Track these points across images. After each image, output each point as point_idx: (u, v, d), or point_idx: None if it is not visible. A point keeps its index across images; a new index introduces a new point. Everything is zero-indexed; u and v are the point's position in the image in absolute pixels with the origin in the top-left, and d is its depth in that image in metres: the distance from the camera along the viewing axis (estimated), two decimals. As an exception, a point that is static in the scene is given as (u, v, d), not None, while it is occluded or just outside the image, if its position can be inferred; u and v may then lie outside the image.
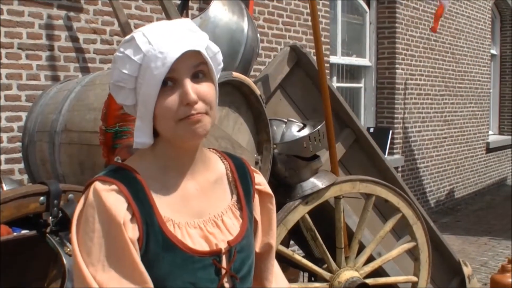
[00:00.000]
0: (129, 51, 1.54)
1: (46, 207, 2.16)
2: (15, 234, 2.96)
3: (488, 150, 13.37)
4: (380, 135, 8.60)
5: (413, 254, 4.40)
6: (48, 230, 2.17)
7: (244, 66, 3.88)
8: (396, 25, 9.75)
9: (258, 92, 3.60)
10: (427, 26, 10.57)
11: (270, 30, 7.03)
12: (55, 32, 4.81)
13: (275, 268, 1.88)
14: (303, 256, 4.16)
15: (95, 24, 5.10)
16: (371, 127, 9.43)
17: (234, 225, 1.69)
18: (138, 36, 1.54)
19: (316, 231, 3.83)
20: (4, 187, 3.30)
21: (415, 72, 10.28)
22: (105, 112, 2.77)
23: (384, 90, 9.91)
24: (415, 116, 10.31)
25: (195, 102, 1.52)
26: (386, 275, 4.47)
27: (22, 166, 4.34)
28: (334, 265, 3.92)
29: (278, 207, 3.63)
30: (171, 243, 1.54)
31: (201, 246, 1.59)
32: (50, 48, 4.77)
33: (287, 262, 3.95)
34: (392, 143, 9.59)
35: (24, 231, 2.85)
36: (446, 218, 10.56)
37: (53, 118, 3.52)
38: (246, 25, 3.88)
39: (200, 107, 1.53)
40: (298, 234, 4.16)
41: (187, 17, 5.11)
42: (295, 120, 3.96)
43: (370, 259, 4.18)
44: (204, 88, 1.55)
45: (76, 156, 3.34)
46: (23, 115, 4.46)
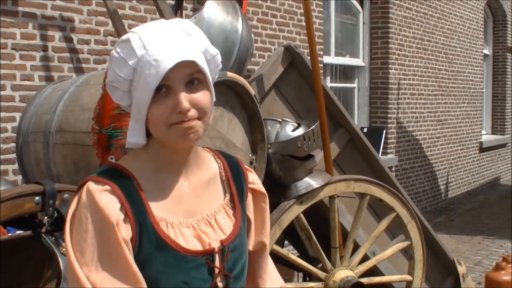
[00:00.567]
0: (124, 54, 1.53)
1: (42, 207, 2.16)
2: (10, 234, 2.96)
3: (481, 150, 13.40)
4: (373, 135, 8.61)
5: (407, 253, 4.40)
6: (44, 230, 2.17)
7: (239, 66, 3.88)
8: (389, 25, 9.76)
9: (252, 92, 3.61)
10: (420, 26, 10.59)
11: (264, 30, 7.04)
12: (49, 32, 4.80)
13: (269, 266, 1.88)
14: (298, 256, 4.16)
15: (89, 24, 5.09)
16: (364, 127, 9.44)
17: (227, 224, 1.69)
18: (134, 38, 1.53)
19: (311, 231, 3.83)
20: (-1, 188, 3.29)
21: (408, 72, 10.30)
22: (99, 112, 2.76)
23: (377, 90, 9.92)
24: (408, 116, 10.33)
25: (187, 110, 1.52)
26: (381, 274, 4.47)
27: (16, 166, 4.34)
28: (329, 264, 3.93)
29: (273, 207, 3.63)
30: (164, 243, 1.55)
31: (194, 245, 1.60)
32: (44, 48, 4.77)
33: (282, 262, 3.95)
34: (385, 143, 9.60)
35: (19, 231, 2.85)
36: (439, 217, 10.59)
37: (47, 118, 3.51)
38: (240, 25, 3.88)
39: (192, 114, 1.53)
40: (292, 234, 4.16)
41: (181, 17, 5.10)
42: (289, 120, 3.97)
43: (365, 258, 4.18)
44: (198, 95, 1.55)
45: (70, 157, 3.33)
46: (17, 115, 4.45)
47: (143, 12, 5.52)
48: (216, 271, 1.62)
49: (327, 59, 8.82)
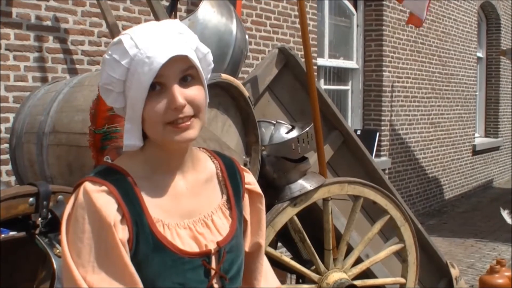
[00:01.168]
0: (117, 55, 1.53)
1: (36, 209, 2.15)
2: (3, 235, 2.95)
3: (474, 153, 13.43)
4: (367, 137, 8.62)
5: (401, 255, 4.40)
6: (37, 231, 2.16)
7: (233, 68, 3.88)
8: (383, 27, 9.78)
9: (246, 94, 3.61)
10: (414, 29, 10.61)
11: (258, 32, 7.04)
12: (43, 33, 4.79)
13: (265, 267, 1.88)
14: (291, 258, 4.16)
15: (83, 25, 5.08)
16: (358, 130, 9.45)
17: (223, 225, 1.69)
18: (125, 39, 1.53)
19: (304, 233, 3.83)
20: (-8, 189, 3.27)
21: (402, 74, 10.32)
22: (93, 113, 2.77)
23: (371, 93, 9.93)
24: (402, 118, 10.35)
25: (183, 106, 1.52)
26: (374, 276, 4.48)
27: (9, 167, 4.32)
28: (322, 266, 3.93)
29: (267, 209, 3.61)
30: (161, 244, 1.55)
31: (190, 247, 1.60)
32: (38, 49, 4.75)
33: (275, 264, 3.95)
34: (379, 145, 9.62)
35: (12, 233, 2.84)
36: (432, 220, 10.60)
37: (41, 119, 3.50)
38: (234, 27, 3.88)
39: (188, 110, 1.54)
40: (285, 236, 4.16)
41: (175, 18, 5.10)
42: (283, 122, 3.97)
43: (358, 260, 4.18)
44: (192, 91, 1.55)
45: (64, 158, 3.32)
46: (11, 116, 4.44)
47: (137, 13, 5.51)
48: (212, 272, 1.62)
49: (321, 61, 8.83)
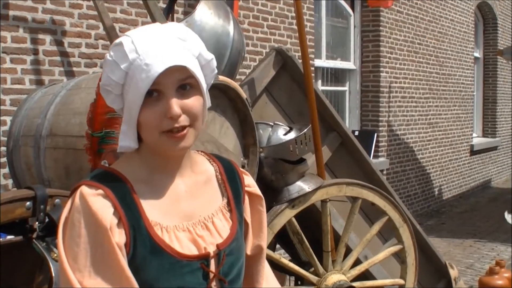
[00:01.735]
0: (117, 58, 1.53)
1: (33, 212, 2.14)
2: (0, 239, 2.94)
3: (472, 153, 13.44)
4: (365, 138, 8.62)
5: (399, 257, 4.40)
6: (35, 235, 2.15)
7: (230, 69, 3.87)
8: (380, 28, 9.78)
9: (244, 95, 3.60)
10: (411, 30, 10.62)
11: (255, 34, 7.04)
12: (40, 36, 4.78)
13: (265, 269, 1.87)
14: (290, 260, 4.15)
15: (80, 28, 5.07)
16: (356, 130, 9.46)
17: (224, 227, 1.68)
18: (126, 42, 1.52)
19: (303, 235, 3.83)
20: (-11, 193, 3.26)
21: (400, 75, 10.32)
22: (91, 117, 2.76)
23: (368, 93, 9.93)
24: (399, 119, 10.35)
25: (178, 116, 1.51)
26: (373, 278, 4.47)
27: (6, 171, 4.31)
28: (321, 268, 3.92)
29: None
30: (159, 248, 1.54)
31: (189, 250, 1.59)
32: (35, 52, 4.74)
33: (274, 266, 3.94)
34: (377, 146, 9.62)
35: (9, 237, 2.83)
36: (431, 220, 10.60)
37: (38, 122, 3.50)
38: (232, 28, 3.87)
39: (183, 119, 1.53)
40: (284, 238, 4.15)
41: (172, 20, 5.09)
42: (281, 124, 3.96)
43: (357, 262, 4.18)
44: (190, 101, 1.54)
45: (61, 161, 3.32)
46: (8, 119, 4.43)
47: (134, 16, 5.51)
48: (211, 275, 1.61)
49: (318, 63, 8.83)
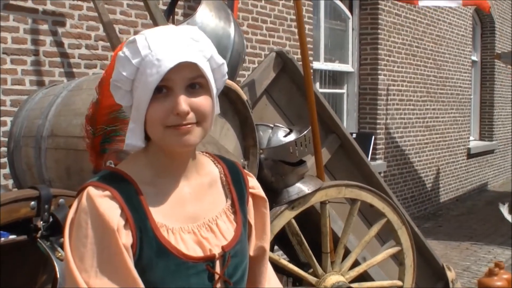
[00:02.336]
0: (129, 53, 1.53)
1: (37, 212, 2.16)
2: (3, 239, 2.95)
3: (469, 156, 13.46)
4: (362, 141, 8.62)
5: (397, 258, 4.42)
6: (39, 235, 2.16)
7: (231, 71, 3.88)
8: (379, 31, 9.80)
9: (245, 97, 3.61)
10: (409, 33, 10.65)
11: (254, 36, 7.05)
12: (40, 37, 4.79)
13: (268, 271, 1.88)
14: (288, 261, 4.17)
15: (80, 29, 5.08)
16: (353, 133, 9.45)
17: (228, 229, 1.69)
18: (140, 39, 1.53)
19: (302, 236, 3.84)
20: (-9, 193, 3.27)
21: (397, 78, 10.34)
22: (91, 115, 2.76)
23: (366, 96, 9.95)
24: (397, 121, 10.37)
25: (186, 113, 1.52)
26: (371, 279, 4.49)
27: (6, 171, 4.32)
28: (320, 269, 3.94)
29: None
30: (165, 249, 1.54)
31: (194, 251, 1.59)
32: (35, 53, 4.75)
33: (272, 266, 3.94)
34: (374, 149, 9.63)
35: (12, 236, 2.84)
36: (428, 223, 10.62)
37: (39, 123, 3.51)
38: (232, 30, 3.89)
39: (191, 117, 1.53)
40: (282, 239, 4.17)
41: (173, 22, 5.11)
42: (281, 126, 3.98)
43: (356, 263, 4.20)
44: (198, 99, 1.55)
45: (62, 161, 3.33)
46: (8, 120, 4.44)
47: (134, 17, 5.52)
48: (216, 277, 1.62)
49: (316, 65, 8.85)
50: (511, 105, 15.90)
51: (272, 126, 3.95)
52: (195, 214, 1.64)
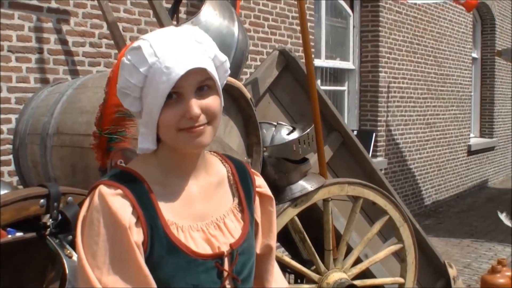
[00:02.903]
0: (135, 61, 1.55)
1: (46, 210, 2.18)
2: (10, 236, 2.97)
3: (470, 153, 13.48)
4: (363, 138, 8.62)
5: (399, 256, 4.44)
6: (48, 232, 2.19)
7: (235, 69, 3.90)
8: (380, 28, 9.82)
9: (248, 95, 3.63)
10: (410, 30, 10.66)
11: (256, 34, 7.08)
12: (45, 35, 4.82)
13: (274, 268, 1.91)
14: (291, 258, 4.19)
15: (84, 27, 5.11)
16: (354, 130, 9.46)
17: (235, 227, 1.72)
18: (145, 46, 1.55)
19: (305, 233, 3.86)
20: (-1, 190, 3.30)
21: (398, 75, 10.36)
22: (99, 116, 2.79)
23: (367, 93, 9.98)
24: (398, 119, 10.39)
25: (198, 116, 1.55)
26: (373, 276, 4.51)
27: (11, 168, 4.36)
28: (322, 266, 3.96)
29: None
30: (175, 247, 1.57)
31: (204, 249, 1.63)
32: (40, 50, 4.78)
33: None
34: (375, 146, 9.65)
35: (19, 233, 2.86)
36: (428, 220, 10.64)
37: (44, 120, 3.53)
38: (236, 29, 3.90)
39: (202, 118, 1.57)
40: (285, 236, 4.19)
41: (177, 20, 5.13)
42: (284, 123, 3.99)
43: (358, 261, 4.22)
44: (208, 100, 1.58)
45: (68, 159, 3.35)
46: (13, 117, 4.48)
47: (137, 15, 5.54)
48: (225, 274, 1.65)
49: (317, 62, 8.88)
50: (512, 102, 15.95)
51: (275, 124, 3.96)
52: (204, 213, 1.67)
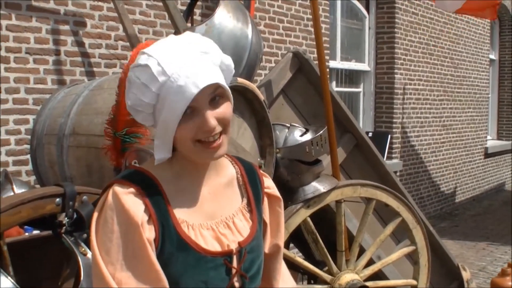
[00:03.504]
0: (145, 80, 1.58)
1: (62, 208, 2.23)
2: (27, 234, 3.03)
3: (487, 155, 13.40)
4: (378, 140, 8.62)
5: (412, 258, 4.45)
6: (63, 230, 2.24)
7: (248, 71, 3.93)
8: (395, 30, 9.80)
9: (262, 97, 3.65)
10: (426, 31, 10.64)
11: (271, 35, 7.10)
12: (62, 37, 4.88)
13: (282, 267, 1.96)
14: (303, 259, 4.21)
15: (100, 29, 5.17)
16: (369, 132, 9.46)
17: (244, 226, 1.76)
18: (153, 64, 1.56)
19: (317, 234, 3.89)
20: (15, 189, 3.36)
21: (414, 77, 10.34)
22: (113, 118, 2.83)
23: (383, 95, 9.96)
24: (413, 120, 10.37)
25: (214, 128, 1.59)
26: (386, 278, 4.52)
27: (29, 168, 4.42)
28: (335, 267, 3.98)
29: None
30: (185, 244, 1.62)
31: (213, 246, 1.67)
32: (57, 52, 4.85)
33: (288, 264, 3.99)
34: (390, 148, 9.64)
35: (35, 231, 2.92)
36: (444, 223, 10.60)
37: (61, 121, 3.58)
38: (250, 31, 3.93)
39: (218, 128, 1.61)
40: (298, 237, 4.21)
41: (192, 23, 5.17)
42: (297, 125, 4.01)
43: (370, 262, 4.23)
44: (221, 109, 1.63)
45: (83, 159, 3.40)
46: (31, 118, 4.54)
47: (153, 17, 5.60)
48: (233, 271, 1.69)
49: (333, 64, 8.88)
50: (529, 104, 15.83)
51: (289, 125, 3.98)
52: (213, 212, 1.72)
